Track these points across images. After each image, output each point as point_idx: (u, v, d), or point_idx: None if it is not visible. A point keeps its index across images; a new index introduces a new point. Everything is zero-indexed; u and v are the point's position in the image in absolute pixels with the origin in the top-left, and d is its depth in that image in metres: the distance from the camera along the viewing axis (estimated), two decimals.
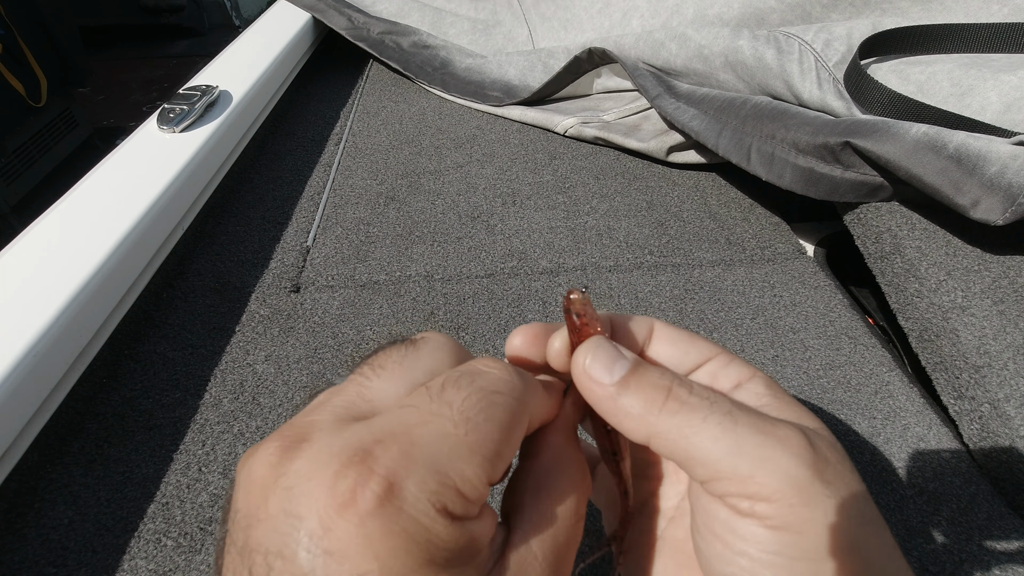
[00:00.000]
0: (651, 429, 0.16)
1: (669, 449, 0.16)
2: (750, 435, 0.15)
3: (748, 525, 0.15)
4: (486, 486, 0.14)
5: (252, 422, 0.41)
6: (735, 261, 0.55)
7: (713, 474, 0.15)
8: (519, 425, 0.16)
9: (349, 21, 0.90)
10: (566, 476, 0.17)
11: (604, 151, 0.72)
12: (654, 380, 0.17)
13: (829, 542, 0.14)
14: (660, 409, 0.16)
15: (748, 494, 0.15)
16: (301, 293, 0.52)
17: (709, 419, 0.16)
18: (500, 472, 0.15)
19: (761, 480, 0.15)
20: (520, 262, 0.55)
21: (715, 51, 0.60)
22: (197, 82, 0.66)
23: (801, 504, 0.15)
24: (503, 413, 0.15)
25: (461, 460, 0.14)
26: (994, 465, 0.37)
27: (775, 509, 0.15)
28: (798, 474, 0.15)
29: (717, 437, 0.15)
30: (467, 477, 0.14)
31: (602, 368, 0.17)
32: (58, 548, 0.34)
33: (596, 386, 0.17)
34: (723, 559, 0.16)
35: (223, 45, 0.79)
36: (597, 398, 0.17)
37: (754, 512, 0.15)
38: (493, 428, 0.15)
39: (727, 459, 0.15)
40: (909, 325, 0.44)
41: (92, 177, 0.52)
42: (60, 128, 2.04)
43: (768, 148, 0.52)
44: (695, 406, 0.16)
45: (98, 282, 0.42)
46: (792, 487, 0.15)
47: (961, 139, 0.41)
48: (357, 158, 0.71)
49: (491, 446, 0.14)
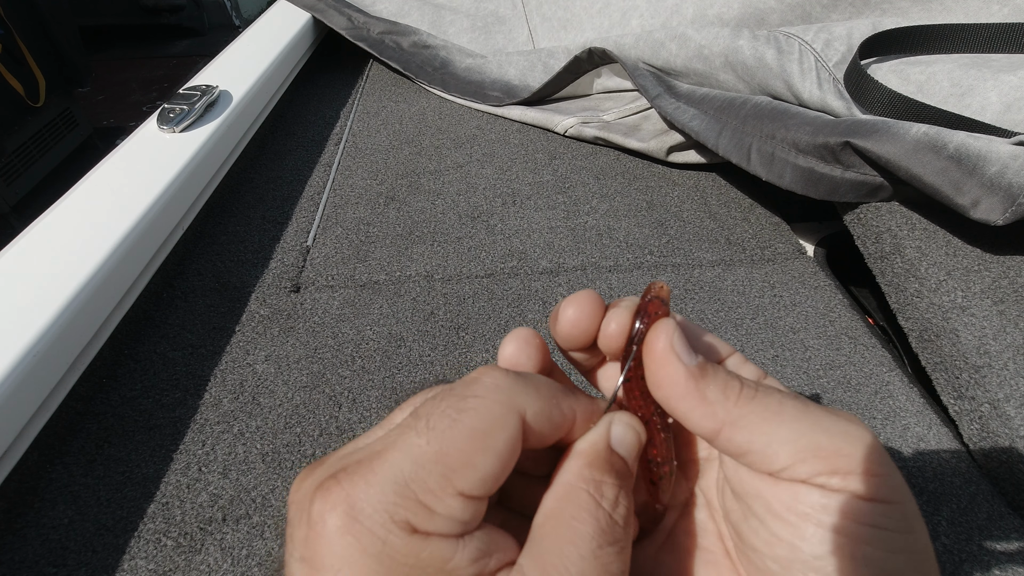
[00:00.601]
0: (728, 416, 0.16)
1: (746, 437, 0.16)
2: (824, 416, 0.15)
3: (844, 500, 0.15)
4: (455, 497, 0.14)
5: (252, 422, 0.41)
6: (735, 261, 0.55)
7: (794, 456, 0.15)
8: (498, 429, 0.15)
9: (349, 21, 0.90)
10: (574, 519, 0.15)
11: (604, 151, 0.72)
12: (724, 372, 0.17)
13: (912, 511, 0.15)
14: (738, 395, 0.16)
15: (836, 470, 0.15)
16: (301, 293, 0.52)
17: (786, 403, 0.16)
18: (475, 482, 0.14)
19: (848, 452, 0.15)
20: (520, 262, 0.55)
21: (715, 51, 0.60)
22: (197, 82, 0.66)
23: (886, 474, 0.15)
24: (473, 418, 0.14)
25: (423, 471, 0.14)
26: (994, 465, 0.37)
27: (866, 483, 0.14)
28: (874, 446, 0.15)
29: (798, 419, 0.15)
30: (430, 488, 0.14)
31: (685, 349, 0.17)
32: (58, 548, 0.34)
33: (678, 366, 0.16)
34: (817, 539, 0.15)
35: (223, 45, 0.79)
36: (674, 380, 0.16)
37: (847, 487, 0.15)
38: (458, 435, 0.14)
39: (811, 436, 0.15)
40: (909, 325, 0.44)
41: (92, 177, 0.52)
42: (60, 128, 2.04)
43: (768, 148, 0.52)
44: (769, 392, 0.16)
45: (98, 282, 0.42)
46: (876, 458, 0.15)
47: (961, 139, 0.41)
48: (357, 158, 0.71)
49: (456, 455, 0.14)
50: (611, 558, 0.14)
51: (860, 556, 0.14)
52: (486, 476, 0.14)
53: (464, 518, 0.14)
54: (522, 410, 0.15)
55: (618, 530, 0.15)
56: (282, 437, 0.40)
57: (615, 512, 0.15)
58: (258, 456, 0.39)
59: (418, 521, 0.13)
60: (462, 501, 0.14)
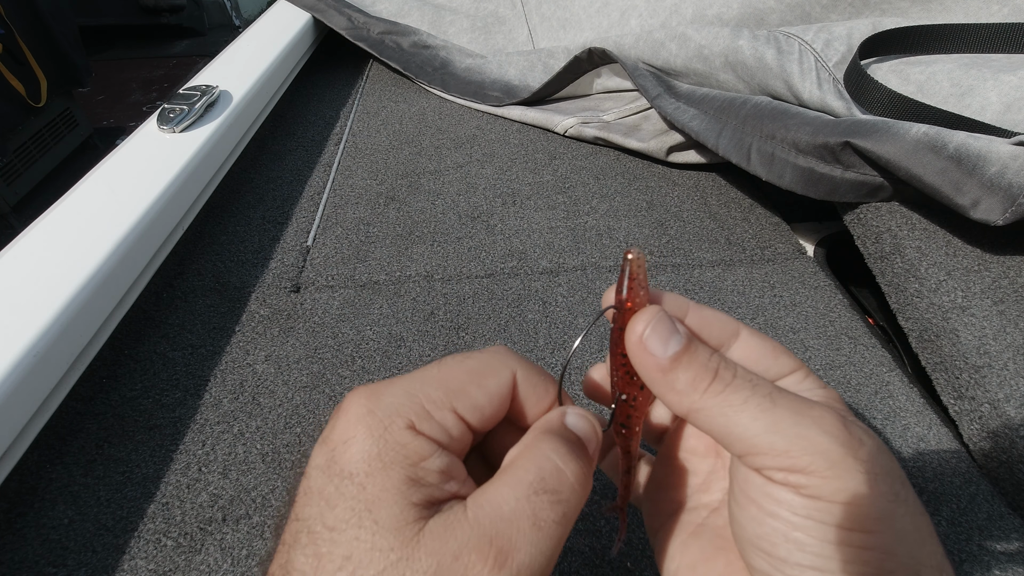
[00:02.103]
0: (693, 405, 0.18)
1: (708, 425, 0.18)
2: (787, 415, 0.17)
3: (782, 491, 0.16)
4: (450, 412, 0.18)
5: (252, 422, 0.41)
6: (735, 261, 0.55)
7: (750, 449, 0.17)
8: (492, 374, 0.19)
9: (349, 21, 0.90)
10: (519, 468, 0.17)
11: (604, 151, 0.72)
12: (703, 360, 0.18)
13: (859, 512, 0.15)
14: (705, 389, 0.18)
15: (783, 467, 0.16)
16: (301, 293, 0.52)
17: (750, 400, 0.17)
18: (467, 407, 0.18)
19: (796, 454, 0.16)
20: (520, 262, 0.55)
21: (715, 51, 0.60)
22: (197, 82, 0.66)
23: (833, 476, 0.16)
24: (474, 363, 0.19)
25: (430, 387, 0.18)
26: (994, 465, 0.37)
27: (808, 479, 0.16)
28: (830, 449, 0.16)
29: (756, 416, 0.17)
30: (432, 399, 0.18)
31: (658, 341, 0.18)
32: (58, 548, 0.34)
33: (649, 357, 0.18)
34: (756, 520, 0.17)
35: (223, 45, 0.79)
36: (647, 368, 0.19)
37: (788, 481, 0.16)
38: (461, 370, 0.19)
39: (764, 436, 0.16)
40: (909, 325, 0.44)
41: (92, 177, 0.52)
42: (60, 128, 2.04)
43: (768, 148, 0.52)
44: (738, 387, 0.17)
45: (98, 282, 0.41)
46: (825, 460, 0.16)
47: (961, 139, 0.41)
48: (357, 158, 0.71)
49: (456, 383, 0.18)
50: (544, 505, 0.16)
51: (793, 540, 0.16)
52: (476, 404, 0.18)
53: (452, 432, 0.18)
54: (514, 369, 0.20)
55: (558, 482, 0.17)
56: (282, 437, 0.40)
57: (564, 467, 0.18)
58: (258, 456, 0.39)
59: (417, 421, 0.17)
60: (454, 418, 0.18)
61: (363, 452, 0.17)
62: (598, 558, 0.34)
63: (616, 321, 0.19)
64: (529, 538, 0.16)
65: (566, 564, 0.33)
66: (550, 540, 0.16)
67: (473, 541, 0.15)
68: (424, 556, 0.15)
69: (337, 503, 0.16)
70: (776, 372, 0.20)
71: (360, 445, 0.17)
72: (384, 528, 0.15)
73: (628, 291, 0.19)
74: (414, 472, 0.17)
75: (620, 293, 0.19)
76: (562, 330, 0.48)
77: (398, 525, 0.15)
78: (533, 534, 0.16)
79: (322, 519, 0.16)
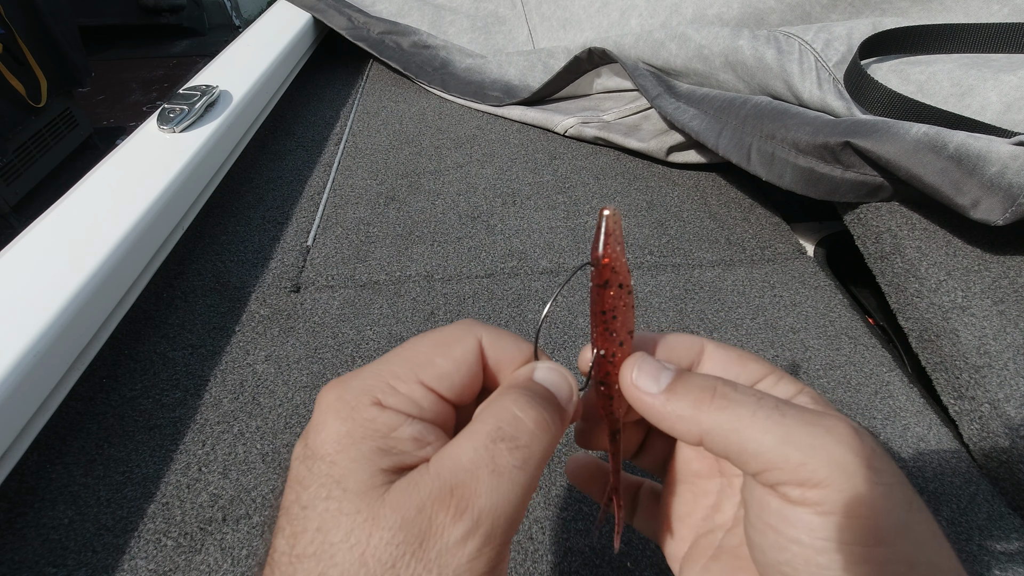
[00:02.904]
0: (702, 427, 0.17)
1: (722, 444, 0.17)
2: (799, 426, 0.16)
3: (800, 513, 0.16)
4: (416, 384, 0.18)
5: (252, 422, 0.41)
6: (735, 261, 0.55)
7: (765, 464, 0.16)
8: (456, 342, 0.19)
9: (349, 21, 0.90)
10: (479, 420, 0.18)
11: (604, 151, 0.72)
12: (699, 382, 0.18)
13: (879, 526, 0.15)
14: (709, 407, 0.17)
15: (799, 481, 0.16)
16: (301, 293, 0.52)
17: (758, 413, 0.17)
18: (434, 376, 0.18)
19: (812, 466, 0.15)
20: (520, 262, 0.55)
21: (715, 51, 0.60)
22: (197, 82, 0.66)
23: (851, 489, 0.15)
24: (438, 335, 0.20)
25: (395, 364, 0.19)
26: (994, 465, 0.37)
27: (825, 495, 0.15)
28: (846, 460, 0.15)
29: (767, 429, 0.16)
30: (397, 375, 0.18)
31: (649, 379, 0.19)
32: (58, 548, 0.34)
33: (645, 396, 0.19)
34: (777, 547, 0.16)
35: (223, 45, 0.79)
36: (648, 407, 0.19)
37: (805, 499, 0.16)
38: (426, 344, 0.19)
39: (778, 448, 0.16)
40: (909, 325, 0.44)
41: (92, 177, 0.52)
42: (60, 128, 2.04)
43: (768, 148, 0.52)
44: (742, 402, 0.17)
45: (98, 282, 0.41)
46: (842, 472, 0.15)
47: (961, 139, 0.41)
48: (357, 158, 0.71)
49: (421, 356, 0.19)
50: (502, 452, 0.17)
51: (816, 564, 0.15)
52: (442, 373, 0.19)
53: (421, 404, 0.18)
54: (478, 335, 0.20)
55: (516, 429, 0.17)
56: (282, 437, 0.40)
57: (522, 414, 0.18)
58: (258, 456, 0.39)
59: (383, 396, 0.18)
60: (422, 389, 0.18)
61: (333, 433, 0.17)
62: (598, 558, 0.34)
63: (594, 278, 0.20)
64: (488, 484, 0.16)
65: (566, 564, 0.33)
66: (511, 485, 0.16)
67: (435, 493, 0.16)
68: (389, 512, 0.15)
69: (310, 483, 0.17)
70: (747, 379, 0.20)
71: (330, 428, 0.17)
72: (351, 493, 0.16)
73: (604, 247, 0.19)
74: (384, 443, 0.17)
75: (596, 250, 0.19)
76: (563, 330, 0.48)
77: (364, 489, 0.16)
78: (492, 480, 0.16)
79: (298, 501, 0.16)
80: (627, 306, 0.20)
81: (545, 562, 0.33)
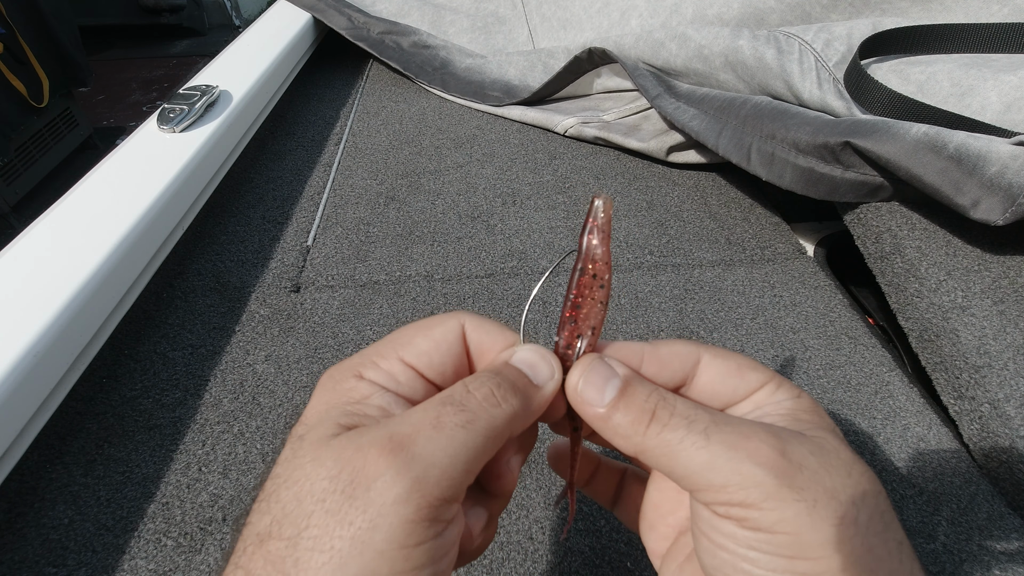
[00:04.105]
0: (637, 448, 0.18)
1: (654, 464, 0.18)
2: (721, 451, 0.17)
3: (727, 524, 0.17)
4: (396, 360, 0.20)
5: (252, 422, 0.41)
6: (735, 261, 0.55)
7: (693, 485, 0.18)
8: (437, 325, 0.21)
9: (349, 21, 0.90)
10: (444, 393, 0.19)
11: (604, 151, 0.72)
12: (639, 403, 0.19)
13: (802, 540, 0.16)
14: (645, 432, 0.18)
15: (723, 501, 0.17)
16: (301, 293, 0.52)
17: (686, 440, 0.18)
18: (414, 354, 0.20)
19: (732, 489, 0.17)
20: (520, 262, 0.55)
21: (715, 51, 0.60)
22: (197, 82, 0.66)
23: (770, 508, 0.16)
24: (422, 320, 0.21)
25: (380, 345, 0.20)
26: (994, 465, 0.37)
27: (747, 512, 0.16)
28: (764, 481, 0.16)
29: (692, 456, 0.17)
30: (380, 353, 0.20)
31: (594, 390, 0.19)
32: (58, 548, 0.34)
33: (588, 407, 0.19)
34: (709, 552, 0.18)
35: (223, 45, 0.79)
36: (590, 418, 0.20)
37: (730, 515, 0.17)
38: (409, 328, 0.21)
39: (703, 473, 0.17)
40: (909, 325, 0.44)
41: (92, 177, 0.52)
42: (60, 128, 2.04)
43: (768, 148, 0.52)
44: (675, 427, 0.18)
45: (98, 282, 0.42)
46: (760, 492, 0.16)
47: (961, 139, 0.41)
48: (357, 158, 0.71)
49: (403, 337, 0.20)
50: (447, 412, 0.17)
51: (741, 570, 0.17)
52: (422, 351, 0.20)
53: (398, 378, 0.20)
54: (462, 320, 0.21)
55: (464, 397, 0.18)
56: (282, 437, 0.40)
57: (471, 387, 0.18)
58: (258, 456, 0.39)
59: (363, 371, 0.20)
60: (401, 365, 0.20)
61: (316, 407, 0.19)
62: (598, 558, 0.34)
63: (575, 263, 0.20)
64: (428, 435, 0.17)
65: (566, 564, 0.33)
66: (450, 439, 0.17)
67: (376, 439, 0.17)
68: (329, 453, 0.17)
69: (286, 452, 0.18)
70: (744, 389, 0.20)
71: (315, 400, 0.19)
72: (308, 444, 0.17)
73: (588, 235, 0.19)
74: (353, 408, 0.18)
75: (581, 236, 0.20)
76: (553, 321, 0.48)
77: (318, 439, 0.17)
78: (433, 432, 0.17)
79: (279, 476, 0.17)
80: (595, 300, 0.20)
81: (545, 562, 0.33)
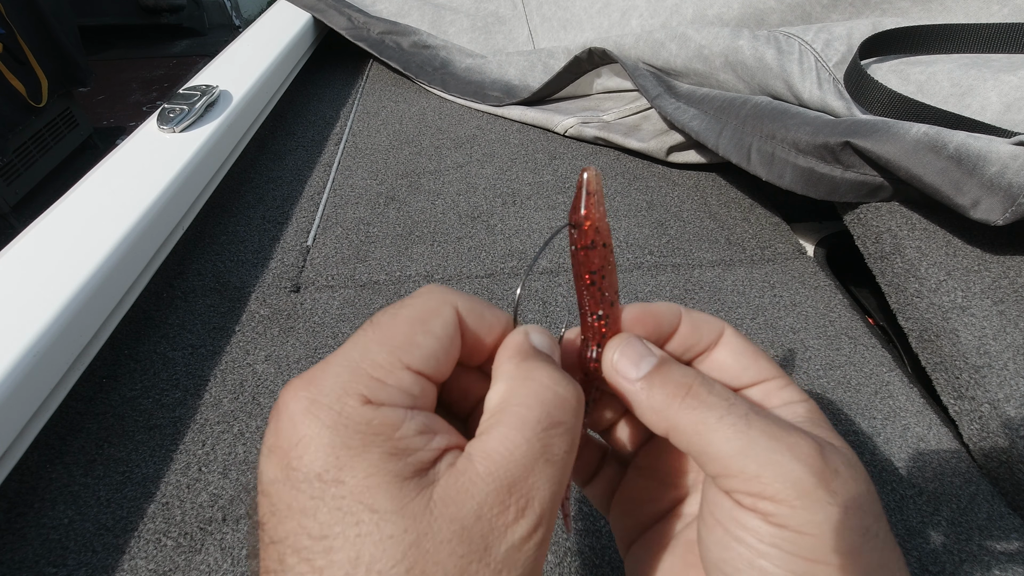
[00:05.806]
0: (670, 422, 0.18)
1: (686, 442, 0.17)
2: (761, 439, 0.16)
3: (749, 517, 0.16)
4: (404, 370, 0.16)
5: (252, 422, 0.41)
6: (735, 261, 0.55)
7: (723, 470, 0.16)
8: (434, 316, 0.17)
9: (349, 21, 0.90)
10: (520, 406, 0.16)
11: (604, 151, 0.72)
12: (676, 377, 0.18)
13: (826, 545, 0.15)
14: (681, 404, 0.17)
15: (753, 492, 0.16)
16: (301, 293, 0.52)
17: (725, 419, 0.17)
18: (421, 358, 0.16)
19: (766, 480, 0.16)
20: (520, 262, 0.55)
21: (715, 51, 0.60)
22: (197, 82, 0.66)
23: (802, 507, 0.15)
24: (411, 310, 0.17)
25: (371, 352, 0.16)
26: (994, 465, 0.37)
27: (777, 508, 0.16)
28: (802, 479, 0.15)
29: (730, 437, 0.16)
30: (379, 364, 0.16)
31: (629, 363, 0.19)
32: (58, 548, 0.34)
33: (624, 380, 0.19)
34: (721, 544, 0.17)
35: (223, 45, 0.79)
36: (624, 391, 0.19)
37: (756, 507, 0.16)
38: (400, 323, 0.17)
39: (737, 458, 0.16)
40: (909, 325, 0.44)
41: (92, 177, 0.52)
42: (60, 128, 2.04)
43: (768, 148, 0.52)
44: (713, 405, 0.17)
45: (98, 282, 0.42)
46: (795, 490, 0.15)
47: (961, 139, 0.41)
48: (357, 158, 0.71)
49: (399, 337, 0.17)
50: (554, 440, 0.16)
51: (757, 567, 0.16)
52: (428, 354, 0.17)
53: (413, 391, 0.16)
54: (454, 303, 0.18)
55: (563, 412, 0.16)
56: None
57: (564, 392, 0.17)
58: (258, 456, 0.39)
59: (371, 392, 0.16)
60: (411, 375, 0.16)
61: (323, 447, 0.15)
62: (598, 558, 0.34)
63: (578, 241, 0.19)
64: (546, 475, 0.15)
65: (566, 564, 0.33)
66: (564, 470, 0.16)
67: (492, 496, 0.15)
68: (444, 525, 0.14)
69: (317, 509, 0.14)
70: (753, 375, 0.20)
71: (316, 441, 0.15)
72: (387, 513, 0.14)
73: (587, 208, 0.19)
74: (391, 446, 0.15)
75: (579, 211, 0.19)
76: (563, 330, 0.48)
77: (401, 505, 0.14)
78: (548, 470, 0.15)
79: (306, 532, 0.14)
80: (613, 267, 0.20)
81: (545, 562, 0.33)
